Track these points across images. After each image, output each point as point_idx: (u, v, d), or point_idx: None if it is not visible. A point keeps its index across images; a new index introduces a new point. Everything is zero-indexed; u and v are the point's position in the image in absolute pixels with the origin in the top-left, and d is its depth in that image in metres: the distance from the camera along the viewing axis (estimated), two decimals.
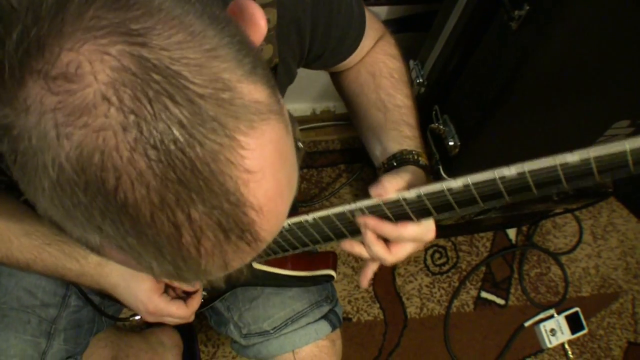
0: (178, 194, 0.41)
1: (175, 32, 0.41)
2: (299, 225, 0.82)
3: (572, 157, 0.62)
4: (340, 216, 0.79)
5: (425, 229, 0.82)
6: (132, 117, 0.39)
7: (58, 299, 1.08)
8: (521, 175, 0.65)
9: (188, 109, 0.40)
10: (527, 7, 1.06)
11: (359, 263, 1.96)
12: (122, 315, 1.24)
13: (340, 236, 0.84)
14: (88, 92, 0.39)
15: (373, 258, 0.87)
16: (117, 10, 0.40)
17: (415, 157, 0.90)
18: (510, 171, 0.66)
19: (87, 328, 1.14)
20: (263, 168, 0.43)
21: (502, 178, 0.67)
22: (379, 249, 0.83)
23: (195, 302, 1.01)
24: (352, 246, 0.86)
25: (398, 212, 0.77)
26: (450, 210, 0.74)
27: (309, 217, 0.80)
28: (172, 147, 0.40)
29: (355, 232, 0.83)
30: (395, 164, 0.90)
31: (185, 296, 0.99)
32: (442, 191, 0.70)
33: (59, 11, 0.39)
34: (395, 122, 0.95)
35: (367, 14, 0.96)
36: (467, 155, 1.35)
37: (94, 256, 0.95)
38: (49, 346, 1.04)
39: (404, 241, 0.83)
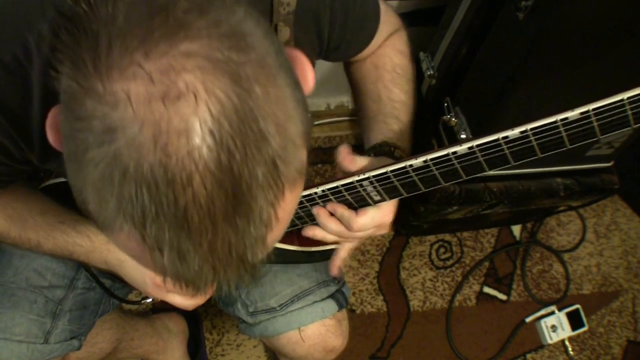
0: (228, 218, 0.47)
1: (271, 87, 0.47)
2: (309, 198, 0.84)
3: (572, 113, 0.64)
4: (349, 187, 0.81)
5: (381, 213, 0.88)
6: (223, 156, 0.44)
7: (66, 281, 1.10)
8: (524, 134, 0.67)
9: (260, 160, 0.46)
10: None
11: (364, 256, 1.98)
12: (132, 298, 1.25)
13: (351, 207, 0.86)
14: (196, 119, 0.43)
15: (335, 240, 0.93)
16: (231, 49, 0.45)
17: (392, 149, 0.93)
18: (513, 132, 0.68)
19: (93, 310, 1.16)
20: (282, 219, 0.51)
21: (505, 138, 0.69)
22: (333, 225, 0.88)
23: (202, 298, 1.03)
24: (312, 230, 0.93)
25: (405, 180, 0.79)
26: (456, 177, 0.76)
27: (319, 189, 0.82)
28: (244, 185, 0.46)
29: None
30: (372, 154, 0.93)
31: None
32: (448, 155, 0.72)
33: (186, 17, 0.45)
34: (385, 115, 0.99)
35: (383, 7, 0.98)
36: None
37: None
38: (53, 326, 1.06)
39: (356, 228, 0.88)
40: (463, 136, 1.38)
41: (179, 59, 0.43)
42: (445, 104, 1.43)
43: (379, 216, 0.88)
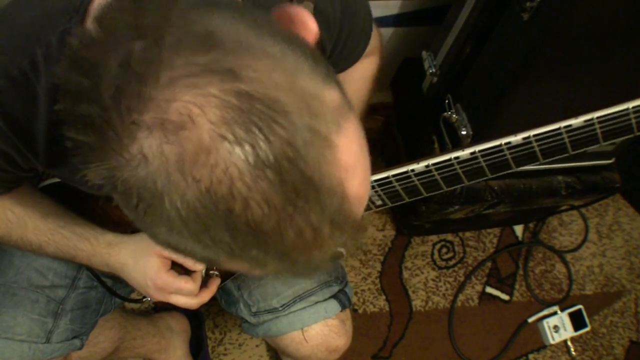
0: (296, 204, 0.45)
1: (260, 61, 0.45)
2: None
3: (576, 120, 0.64)
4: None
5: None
6: (248, 148, 0.43)
7: (68, 280, 1.10)
8: (526, 140, 0.67)
9: (290, 127, 0.43)
10: None
11: (367, 256, 1.98)
12: (134, 297, 1.25)
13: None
14: (204, 134, 0.42)
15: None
16: (206, 53, 0.43)
17: None
18: (515, 138, 0.68)
19: (95, 309, 1.16)
20: (354, 163, 0.48)
21: (508, 144, 0.69)
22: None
23: (206, 295, 1.04)
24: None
25: (407, 185, 0.78)
26: (457, 181, 0.76)
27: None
28: (286, 164, 0.43)
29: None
30: None
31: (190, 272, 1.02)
32: (450, 160, 0.72)
33: (149, 62, 0.42)
34: None
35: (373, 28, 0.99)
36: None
37: (105, 236, 0.97)
38: (55, 326, 1.06)
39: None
40: (464, 133, 1.37)
41: (163, 95, 0.42)
42: (447, 101, 1.43)
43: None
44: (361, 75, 1.06)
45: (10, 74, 0.68)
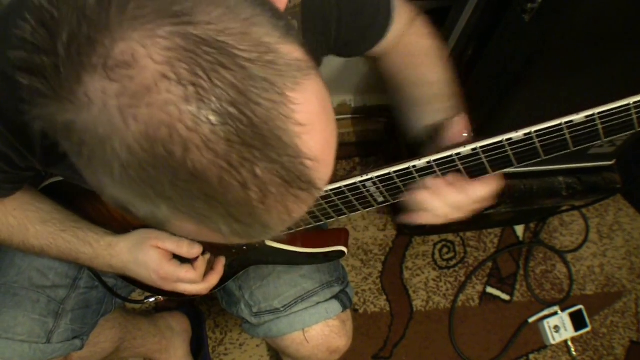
0: (241, 153, 0.43)
1: (213, 8, 0.44)
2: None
3: (577, 116, 0.64)
4: (352, 188, 0.80)
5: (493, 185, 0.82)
6: (191, 88, 0.42)
7: (69, 280, 1.10)
8: (527, 136, 0.67)
9: (240, 73, 0.43)
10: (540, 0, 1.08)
11: (367, 256, 1.98)
12: (136, 298, 1.25)
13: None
14: (147, 73, 0.42)
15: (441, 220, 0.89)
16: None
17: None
18: (517, 134, 0.68)
19: (95, 309, 1.16)
20: (312, 120, 0.47)
21: (509, 140, 0.69)
22: (453, 195, 0.83)
23: (214, 278, 1.03)
24: (417, 216, 0.88)
25: (408, 182, 0.78)
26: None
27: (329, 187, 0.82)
28: (232, 109, 0.43)
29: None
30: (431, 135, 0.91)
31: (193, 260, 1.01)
32: (451, 156, 0.72)
33: (102, 8, 0.42)
34: (434, 97, 0.97)
35: (397, 1, 0.97)
36: None
37: (105, 238, 0.97)
38: (55, 326, 1.07)
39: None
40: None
41: (111, 37, 0.42)
42: None
43: (492, 188, 0.83)
44: (419, 34, 1.03)
45: (2, 70, 0.67)
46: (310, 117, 0.47)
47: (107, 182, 0.46)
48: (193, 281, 0.99)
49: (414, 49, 1.02)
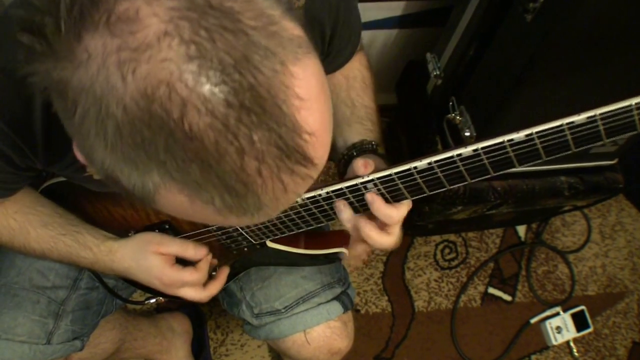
0: (240, 117, 0.43)
1: None
2: (313, 200, 0.84)
3: (579, 117, 0.64)
4: (353, 189, 0.81)
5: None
6: (193, 48, 0.42)
7: (69, 281, 1.10)
8: (529, 137, 0.67)
9: (243, 39, 0.43)
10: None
11: (369, 256, 1.98)
12: (137, 299, 1.25)
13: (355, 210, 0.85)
14: (149, 30, 0.42)
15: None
16: None
17: (374, 146, 0.95)
18: (518, 135, 0.68)
19: (96, 310, 1.16)
20: (311, 97, 0.46)
21: (511, 141, 0.68)
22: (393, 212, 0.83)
23: (216, 286, 1.03)
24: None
25: (409, 183, 0.78)
26: (460, 179, 0.75)
27: (323, 191, 0.82)
28: (232, 71, 0.42)
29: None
30: (355, 153, 0.94)
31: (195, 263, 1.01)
32: (452, 157, 0.72)
33: None
34: (360, 118, 1.00)
35: None
36: None
37: (106, 244, 0.97)
38: (56, 327, 1.06)
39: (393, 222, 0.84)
40: (467, 134, 1.37)
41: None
42: (450, 103, 1.43)
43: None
44: (361, 63, 1.08)
45: (5, 67, 0.67)
46: (310, 93, 0.47)
47: (99, 146, 0.46)
48: (198, 282, 0.99)
49: (356, 75, 1.06)
